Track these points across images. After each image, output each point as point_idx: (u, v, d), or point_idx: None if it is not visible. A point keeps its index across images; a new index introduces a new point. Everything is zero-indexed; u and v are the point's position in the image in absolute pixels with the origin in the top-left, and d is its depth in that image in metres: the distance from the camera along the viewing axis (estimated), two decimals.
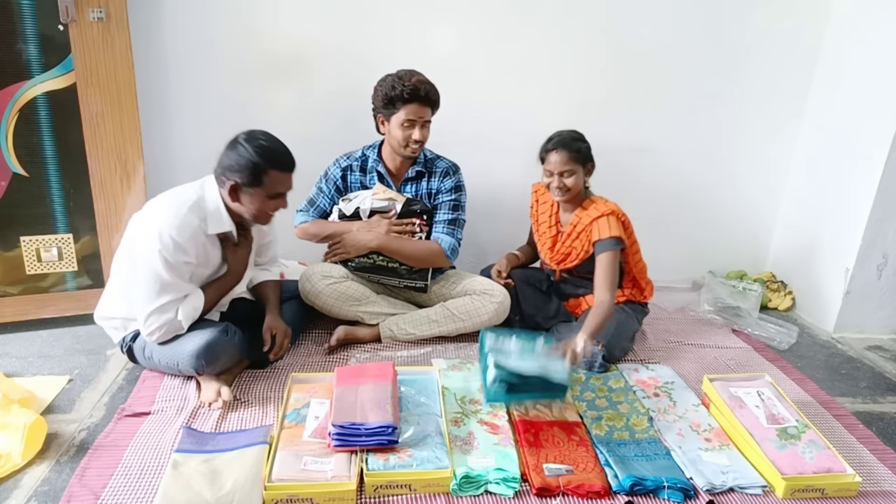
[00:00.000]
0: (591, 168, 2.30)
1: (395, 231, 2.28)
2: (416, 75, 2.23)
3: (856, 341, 2.70)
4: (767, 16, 2.81)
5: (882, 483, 1.73)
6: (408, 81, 2.20)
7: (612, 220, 2.22)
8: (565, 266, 2.37)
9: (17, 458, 1.61)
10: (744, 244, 3.17)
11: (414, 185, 2.40)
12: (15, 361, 2.14)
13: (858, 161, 2.66)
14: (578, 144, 2.24)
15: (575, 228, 2.29)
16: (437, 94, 2.26)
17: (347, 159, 2.41)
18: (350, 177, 2.41)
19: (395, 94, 2.21)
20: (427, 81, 2.24)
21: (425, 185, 2.40)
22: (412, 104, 2.21)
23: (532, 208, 2.51)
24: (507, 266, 2.48)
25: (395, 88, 2.20)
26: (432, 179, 2.40)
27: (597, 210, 2.26)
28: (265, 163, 1.84)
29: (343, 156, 2.43)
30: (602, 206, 2.26)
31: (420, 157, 2.38)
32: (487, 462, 1.65)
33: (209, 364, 1.88)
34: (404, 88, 2.19)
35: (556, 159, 2.22)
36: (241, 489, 1.48)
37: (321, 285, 2.29)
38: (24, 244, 2.28)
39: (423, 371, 2.07)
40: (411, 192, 2.40)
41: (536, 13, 2.70)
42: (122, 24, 2.20)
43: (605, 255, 2.20)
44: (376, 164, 2.37)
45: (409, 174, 2.38)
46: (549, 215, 2.40)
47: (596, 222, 2.23)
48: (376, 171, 2.38)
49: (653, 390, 2.09)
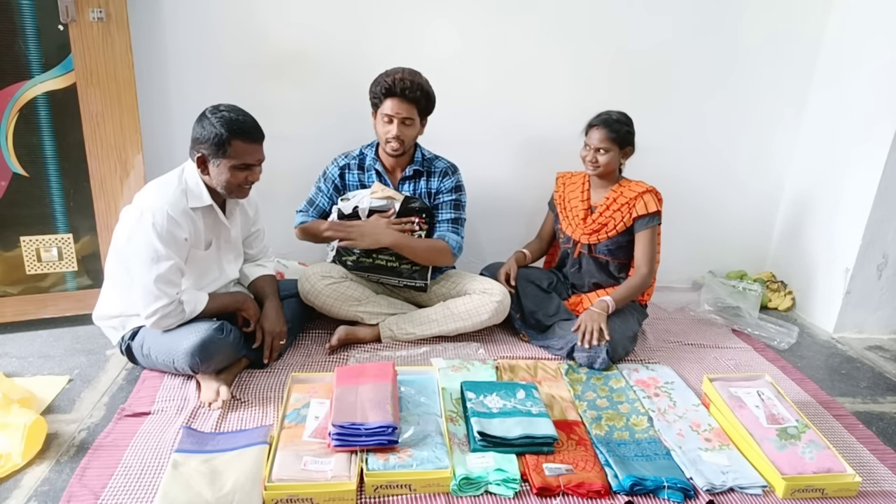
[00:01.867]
0: (628, 152, 2.38)
1: (395, 230, 2.27)
2: (402, 72, 2.22)
3: (856, 341, 2.70)
4: (768, 16, 2.81)
5: (882, 483, 1.73)
6: (390, 77, 2.20)
7: (650, 200, 2.33)
8: (597, 238, 2.40)
9: (17, 458, 1.61)
10: (744, 244, 3.17)
11: (412, 183, 2.40)
12: (15, 361, 2.14)
13: (858, 161, 2.66)
14: (620, 126, 2.32)
15: (615, 201, 2.37)
16: (420, 92, 2.22)
17: (345, 158, 2.41)
18: (348, 175, 2.41)
19: (377, 89, 2.23)
20: (410, 79, 2.21)
21: (424, 185, 2.40)
22: (390, 99, 2.21)
23: (556, 193, 2.56)
24: (516, 269, 2.48)
25: (378, 84, 2.23)
26: (431, 179, 2.40)
27: (639, 186, 2.36)
28: (228, 132, 1.86)
29: (341, 155, 2.43)
30: (644, 184, 2.37)
31: (418, 155, 2.38)
32: (487, 463, 1.65)
33: (204, 362, 1.88)
34: (384, 83, 2.20)
35: (595, 135, 2.32)
36: (241, 489, 1.48)
37: (321, 285, 2.29)
38: (24, 244, 2.28)
39: (422, 371, 2.07)
40: (409, 190, 2.39)
41: (537, 13, 2.70)
42: (122, 24, 2.20)
43: (646, 231, 2.34)
44: (374, 163, 2.37)
45: (406, 173, 2.38)
46: (581, 192, 2.47)
47: (641, 197, 2.33)
48: (374, 170, 2.38)
49: (653, 390, 2.09)
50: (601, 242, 2.40)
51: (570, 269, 2.53)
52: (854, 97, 2.70)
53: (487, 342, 2.41)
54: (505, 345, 2.40)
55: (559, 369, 2.20)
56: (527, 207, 2.84)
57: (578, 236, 2.44)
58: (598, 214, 2.40)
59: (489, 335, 2.45)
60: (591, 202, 2.44)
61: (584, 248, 2.45)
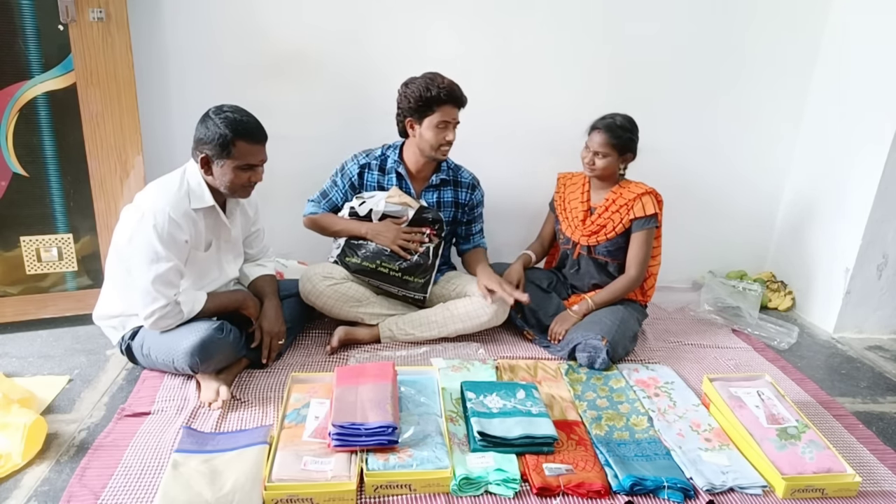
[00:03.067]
0: (629, 158, 2.37)
1: (403, 239, 2.28)
2: (444, 79, 2.23)
3: (856, 341, 2.70)
4: (768, 15, 2.81)
5: (882, 483, 1.73)
6: (442, 83, 2.21)
7: (653, 199, 2.33)
8: (596, 240, 2.40)
9: (17, 458, 1.61)
10: (744, 244, 3.18)
11: (436, 192, 2.40)
12: (15, 361, 2.14)
13: (858, 161, 2.66)
14: (623, 133, 2.31)
15: (615, 202, 2.37)
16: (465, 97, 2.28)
17: (367, 157, 2.40)
18: (367, 175, 2.40)
19: (430, 96, 2.20)
20: (456, 84, 2.25)
21: (451, 195, 2.42)
22: (447, 105, 2.21)
23: (557, 194, 2.56)
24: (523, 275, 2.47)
25: (430, 90, 2.20)
26: (459, 190, 2.44)
27: (639, 188, 2.35)
28: (232, 134, 1.86)
29: (362, 152, 2.42)
30: (644, 186, 2.36)
31: (443, 164, 2.40)
32: (487, 463, 1.65)
33: (203, 362, 1.88)
34: (441, 90, 2.19)
35: (596, 139, 2.32)
36: (241, 489, 1.48)
37: (322, 286, 2.29)
38: (24, 244, 2.28)
39: (422, 371, 2.07)
40: (433, 199, 2.40)
41: (538, 13, 2.70)
42: (122, 24, 2.20)
43: (641, 232, 2.34)
44: (396, 165, 2.36)
45: (433, 181, 2.39)
46: (581, 193, 2.47)
47: (640, 198, 2.33)
48: (395, 172, 2.37)
49: (653, 390, 2.09)
50: (600, 244, 2.40)
51: (569, 269, 2.53)
52: (854, 97, 2.70)
53: (487, 342, 2.41)
54: (505, 345, 2.40)
55: (559, 369, 2.20)
56: (529, 208, 2.83)
57: (578, 238, 2.44)
58: (596, 216, 2.40)
59: (489, 335, 2.45)
60: (590, 203, 2.44)
61: (583, 249, 2.45)
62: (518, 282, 2.43)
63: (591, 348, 2.18)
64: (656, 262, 2.46)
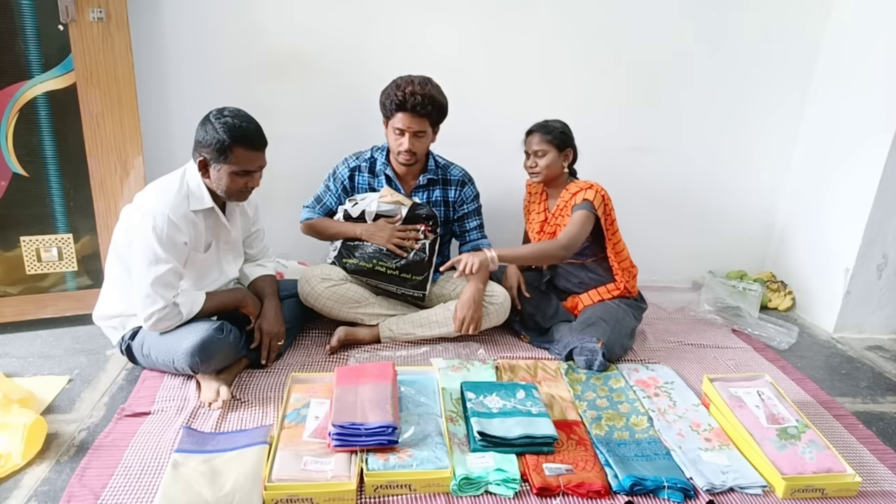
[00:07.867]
0: (568, 153, 2.37)
1: (399, 237, 2.28)
2: (413, 85, 2.17)
3: (856, 341, 2.70)
4: (768, 15, 2.81)
5: (882, 483, 1.73)
6: (401, 90, 2.16)
7: (589, 192, 2.31)
8: None
9: (17, 458, 1.61)
10: (744, 244, 3.18)
11: (425, 192, 2.40)
12: (15, 361, 2.14)
13: (858, 161, 2.66)
14: (553, 127, 2.34)
15: (566, 204, 2.36)
16: (432, 105, 2.18)
17: (356, 159, 2.40)
18: (358, 177, 2.40)
19: (388, 102, 2.20)
20: (422, 93, 2.16)
21: (440, 193, 2.41)
22: (401, 113, 2.19)
23: (525, 202, 2.58)
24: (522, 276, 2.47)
25: (389, 95, 2.19)
26: (448, 188, 2.42)
27: (584, 184, 2.35)
28: (230, 140, 1.85)
29: (352, 155, 2.42)
30: (588, 182, 2.36)
31: (431, 163, 2.38)
32: (487, 463, 1.65)
33: (203, 362, 1.88)
34: (395, 97, 2.17)
35: (532, 140, 2.36)
36: (241, 489, 1.48)
37: (320, 288, 2.29)
38: (24, 244, 2.28)
39: (422, 371, 2.07)
40: (423, 199, 2.40)
41: (536, 13, 2.70)
42: (122, 24, 2.20)
43: (577, 213, 2.28)
44: (384, 168, 2.37)
45: (420, 181, 2.38)
46: (539, 202, 2.49)
47: (582, 191, 2.32)
48: (384, 175, 2.37)
49: (653, 390, 2.09)
50: None
51: (553, 272, 2.51)
52: (854, 97, 2.70)
53: (487, 342, 2.41)
54: (505, 345, 2.40)
55: (559, 369, 2.20)
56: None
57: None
58: (548, 224, 2.41)
59: (489, 335, 2.45)
60: (547, 212, 2.46)
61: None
62: (518, 283, 2.43)
63: (587, 352, 2.18)
64: (625, 258, 2.41)
